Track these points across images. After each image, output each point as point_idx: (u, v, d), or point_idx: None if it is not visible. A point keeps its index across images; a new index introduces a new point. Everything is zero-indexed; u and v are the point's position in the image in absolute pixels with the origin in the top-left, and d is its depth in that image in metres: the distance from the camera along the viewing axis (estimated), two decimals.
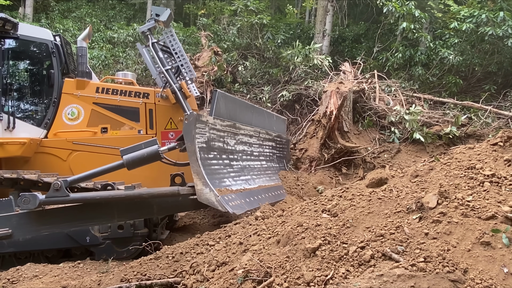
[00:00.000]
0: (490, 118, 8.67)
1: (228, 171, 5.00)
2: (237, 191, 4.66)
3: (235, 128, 5.33)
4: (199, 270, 3.05)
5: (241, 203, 4.43)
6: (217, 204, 3.98)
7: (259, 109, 7.13)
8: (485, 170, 3.02)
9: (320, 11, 13.88)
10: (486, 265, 2.30)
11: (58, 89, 5.80)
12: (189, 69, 5.82)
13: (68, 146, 5.70)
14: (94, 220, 4.29)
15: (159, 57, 5.70)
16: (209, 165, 4.44)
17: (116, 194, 4.08)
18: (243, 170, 5.50)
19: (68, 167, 5.62)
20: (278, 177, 6.74)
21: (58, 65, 5.85)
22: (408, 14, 11.37)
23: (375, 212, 2.95)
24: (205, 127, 4.47)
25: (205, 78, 11.61)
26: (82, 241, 4.76)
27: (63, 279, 3.79)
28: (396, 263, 2.37)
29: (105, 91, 5.86)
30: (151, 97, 5.83)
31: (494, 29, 10.39)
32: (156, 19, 5.76)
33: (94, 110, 5.82)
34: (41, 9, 20.41)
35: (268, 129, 6.61)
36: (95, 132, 5.77)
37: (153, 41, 5.79)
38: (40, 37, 5.83)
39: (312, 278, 2.45)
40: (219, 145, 4.89)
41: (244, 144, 5.72)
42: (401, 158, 7.84)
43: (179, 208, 4.67)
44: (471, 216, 2.62)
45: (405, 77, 11.80)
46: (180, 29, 17.08)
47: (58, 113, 5.78)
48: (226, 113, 5.11)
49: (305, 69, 10.93)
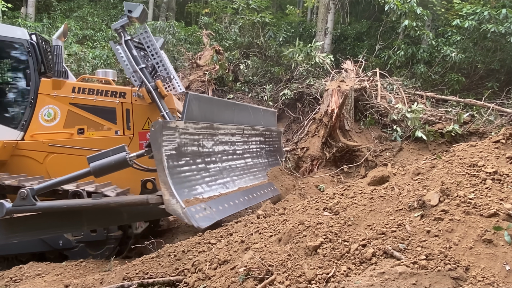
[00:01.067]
0: (492, 115, 8.63)
1: (202, 176, 4.83)
2: (209, 199, 4.51)
3: (212, 129, 5.17)
4: (201, 268, 3.05)
5: (212, 212, 4.29)
6: (183, 216, 3.87)
7: (242, 105, 6.95)
8: (487, 168, 3.01)
9: (322, 9, 13.86)
10: (488, 263, 2.29)
11: (35, 89, 5.62)
12: (165, 67, 5.59)
13: (44, 148, 5.53)
14: (63, 228, 4.30)
15: (133, 55, 5.46)
16: (179, 173, 4.31)
17: (83, 203, 4.09)
18: (222, 172, 5.33)
19: (45, 170, 5.48)
20: (267, 174, 6.58)
21: (34, 64, 5.66)
22: (410, 11, 11.33)
23: (377, 210, 2.95)
24: (175, 133, 4.33)
25: (206, 77, 11.63)
26: (55, 245, 4.73)
27: (65, 277, 3.80)
28: (397, 261, 2.37)
29: (82, 91, 5.64)
30: (128, 96, 5.60)
31: (496, 26, 10.35)
32: (128, 16, 5.48)
33: (71, 110, 5.61)
34: (43, 8, 20.47)
35: (254, 124, 6.44)
36: (72, 134, 5.58)
37: (127, 38, 5.52)
38: (14, 36, 5.63)
39: (313, 276, 2.45)
40: (193, 149, 4.75)
41: (225, 144, 5.56)
42: (403, 156, 7.82)
43: (150, 215, 4.58)
44: (473, 214, 2.61)
45: (407, 75, 11.77)
46: (181, 28, 17.08)
47: (34, 115, 5.60)
48: (201, 115, 4.95)
49: (306, 68, 10.91)
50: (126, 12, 5.51)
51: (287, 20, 16.23)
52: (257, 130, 6.53)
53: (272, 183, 6.25)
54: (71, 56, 13.09)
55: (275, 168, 6.90)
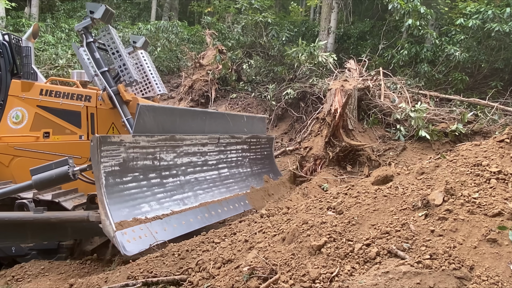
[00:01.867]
0: (496, 115, 8.59)
1: (154, 192, 4.57)
2: (154, 219, 4.25)
3: (174, 141, 4.95)
4: (205, 268, 3.06)
5: (150, 235, 4.03)
6: (114, 240, 3.70)
7: (217, 113, 6.68)
8: (492, 167, 3.01)
9: (325, 9, 13.84)
10: (492, 262, 2.29)
11: (6, 91, 5.51)
12: (128, 71, 5.30)
13: (10, 151, 5.43)
14: (7, 240, 4.32)
15: (95, 58, 5.26)
16: (121, 191, 4.11)
17: (24, 217, 4.07)
18: (183, 186, 5.05)
19: (11, 174, 5.41)
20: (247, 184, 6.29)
21: (6, 65, 5.57)
22: (413, 11, 11.29)
23: (381, 210, 2.95)
24: (119, 147, 4.10)
25: (209, 77, 11.64)
26: (8, 251, 4.68)
27: (70, 276, 3.82)
28: (401, 260, 2.37)
29: (49, 93, 5.49)
30: (93, 100, 5.40)
31: (500, 25, 10.29)
32: (91, 17, 5.25)
33: (38, 113, 5.49)
34: (46, 8, 20.55)
35: (234, 132, 6.19)
36: (38, 137, 5.43)
37: (89, 40, 5.31)
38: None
39: (317, 275, 2.45)
40: (145, 163, 4.51)
41: (192, 155, 5.32)
42: (406, 155, 7.80)
43: (94, 232, 4.39)
44: (477, 213, 2.61)
45: (410, 74, 11.74)
46: (185, 27, 17.12)
47: (3, 116, 5.50)
48: (158, 126, 4.73)
49: (310, 67, 10.90)
50: (88, 13, 5.28)
51: (290, 20, 16.21)
52: (238, 138, 6.27)
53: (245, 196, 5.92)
54: (75, 56, 13.13)
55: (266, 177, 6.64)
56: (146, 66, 6.45)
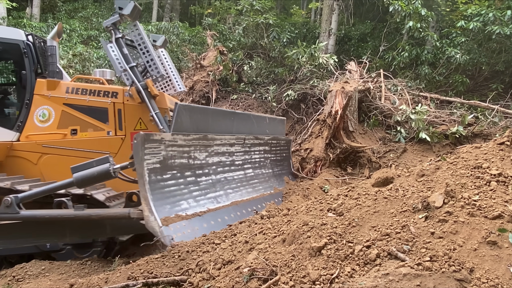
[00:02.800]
0: (497, 117, 8.60)
1: (190, 190, 4.67)
2: (195, 215, 4.34)
3: (206, 140, 5.03)
4: (205, 269, 3.07)
5: (193, 231, 4.11)
6: (160, 235, 3.76)
7: (243, 114, 6.78)
8: (492, 170, 3.01)
9: (326, 10, 13.86)
10: (492, 265, 2.29)
11: (31, 90, 5.63)
12: (156, 66, 5.44)
13: (38, 149, 5.53)
14: (46, 238, 4.32)
15: (123, 53, 5.36)
16: (162, 188, 4.18)
17: (65, 214, 4.07)
18: (215, 185, 5.15)
19: (39, 171, 5.48)
20: (270, 184, 6.40)
21: (30, 65, 5.66)
22: (414, 13, 11.31)
23: (381, 211, 2.96)
24: (159, 145, 4.19)
25: (210, 78, 11.65)
26: (43, 247, 4.73)
27: (70, 276, 3.82)
28: (402, 262, 2.37)
29: (75, 91, 5.61)
30: (120, 96, 5.52)
31: (501, 28, 10.31)
32: (119, 13, 5.34)
33: (64, 111, 5.58)
34: (48, 9, 20.58)
35: (257, 133, 6.28)
36: (65, 134, 5.54)
37: (118, 36, 5.41)
38: (10, 37, 5.63)
39: (317, 276, 2.45)
40: (181, 161, 4.59)
41: (221, 154, 5.40)
42: (407, 157, 7.81)
43: (133, 230, 4.46)
44: (477, 216, 2.61)
45: (411, 76, 11.75)
46: (186, 28, 17.14)
47: (30, 115, 5.61)
48: (193, 126, 4.80)
49: (310, 68, 10.91)
50: (116, 9, 5.36)
51: (291, 21, 16.23)
52: (260, 139, 6.37)
53: (275, 194, 6.07)
54: (76, 57, 13.16)
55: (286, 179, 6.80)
56: (166, 64, 6.55)
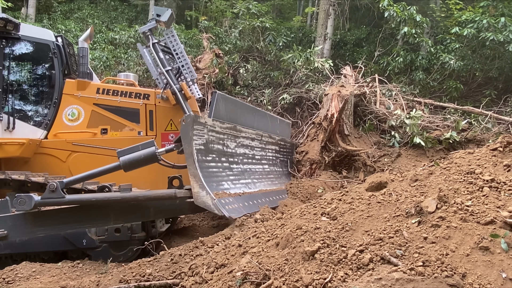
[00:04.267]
0: (490, 123, 8.67)
1: (227, 174, 4.91)
2: (236, 195, 4.57)
3: (235, 131, 5.26)
4: (198, 272, 3.05)
5: (239, 206, 4.34)
6: (214, 207, 3.90)
7: (262, 112, 7.00)
8: (485, 175, 3.02)
9: (322, 15, 13.92)
10: (484, 270, 2.30)
11: (59, 89, 5.80)
12: (190, 70, 5.77)
13: (67, 147, 5.67)
14: (90, 222, 4.26)
15: (160, 57, 5.67)
16: (207, 168, 4.36)
17: (112, 196, 4.06)
18: (244, 173, 5.41)
19: (68, 168, 5.59)
20: (282, 181, 6.62)
21: (59, 65, 5.86)
22: (409, 19, 11.39)
23: (374, 216, 2.96)
24: (204, 129, 4.39)
25: (206, 80, 11.64)
26: (79, 244, 4.70)
27: (62, 279, 3.78)
28: (394, 267, 2.37)
29: (106, 92, 5.84)
30: (152, 98, 5.80)
31: (495, 35, 10.41)
32: (157, 20, 5.70)
33: (94, 111, 5.81)
34: (43, 9, 20.48)
35: (271, 132, 6.53)
36: (95, 133, 5.75)
37: (154, 41, 5.76)
38: (41, 37, 5.84)
39: (310, 281, 2.45)
40: (218, 147, 4.82)
41: (246, 147, 5.64)
42: (401, 162, 7.84)
43: (176, 211, 4.60)
44: (470, 221, 2.62)
45: (406, 81, 11.82)
46: (182, 31, 17.12)
47: (58, 114, 5.77)
48: (226, 115, 5.04)
49: (306, 72, 10.94)
50: (154, 16, 5.70)
51: (287, 25, 16.28)
52: (273, 138, 6.61)
53: (285, 190, 6.31)
54: None
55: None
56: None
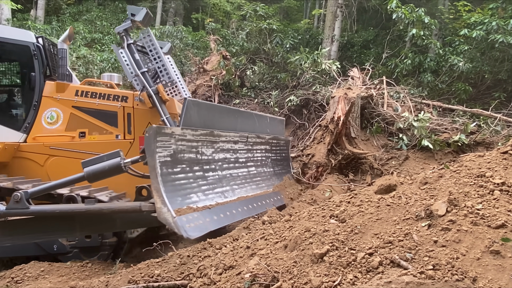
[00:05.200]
0: (499, 126, 8.59)
1: (199, 184, 4.72)
2: (204, 208, 4.38)
3: (213, 136, 5.08)
4: (206, 273, 3.06)
5: (205, 222, 4.15)
6: (173, 226, 3.75)
7: (246, 113, 6.83)
8: (495, 178, 3.00)
9: (329, 16, 13.92)
10: (495, 274, 2.28)
11: (39, 92, 5.64)
12: (167, 72, 5.55)
13: (45, 151, 5.55)
14: (56, 233, 4.28)
15: (135, 59, 5.46)
16: (173, 181, 4.22)
17: (76, 209, 4.06)
18: (221, 180, 5.21)
19: (46, 173, 5.48)
20: (272, 182, 6.44)
21: (40, 67, 5.69)
22: (417, 20, 11.35)
23: (384, 219, 2.95)
24: (170, 139, 4.24)
25: (213, 82, 11.69)
26: (50, 249, 4.71)
27: (71, 279, 3.82)
28: (404, 270, 2.36)
29: (85, 94, 5.65)
30: (130, 100, 5.60)
31: (504, 37, 10.34)
32: (132, 19, 5.45)
33: (73, 114, 5.63)
34: (52, 11, 20.70)
35: (259, 132, 6.35)
36: (73, 137, 5.58)
37: (129, 42, 5.53)
38: (21, 39, 5.66)
39: (319, 283, 2.44)
40: (190, 156, 4.64)
41: (226, 151, 5.45)
42: (409, 165, 7.79)
43: (144, 223, 4.49)
44: (480, 225, 2.60)
45: (414, 83, 11.76)
46: (189, 33, 17.21)
47: (38, 117, 5.62)
48: (201, 122, 4.86)
49: (313, 74, 10.94)
50: (129, 15, 5.47)
51: (294, 27, 16.29)
52: (262, 138, 6.44)
53: (278, 192, 6.13)
54: (80, 59, 13.22)
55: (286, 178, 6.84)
56: (170, 71, 6.65)
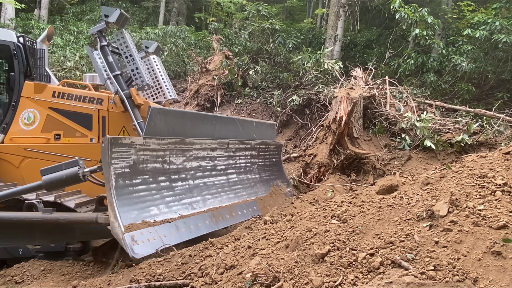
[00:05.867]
0: (502, 126, 8.56)
1: (162, 195, 4.55)
2: (163, 222, 4.21)
3: (184, 144, 4.91)
4: (208, 273, 3.07)
5: (158, 238, 4.00)
6: (122, 243, 3.67)
7: (227, 118, 6.66)
8: (497, 179, 2.99)
9: (332, 16, 13.89)
10: (496, 275, 2.28)
11: (18, 92, 5.59)
12: (140, 75, 5.36)
13: (20, 152, 5.47)
14: (15, 240, 4.30)
15: (108, 61, 5.34)
16: (130, 193, 4.10)
17: (33, 217, 4.06)
18: (192, 190, 5.03)
19: (20, 175, 5.43)
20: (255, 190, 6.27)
21: (20, 67, 5.61)
22: (420, 20, 11.32)
23: (385, 219, 2.95)
24: (129, 149, 4.10)
25: (216, 82, 11.70)
26: (16, 252, 4.70)
27: (73, 278, 3.84)
28: (405, 270, 2.36)
29: (61, 95, 5.56)
30: (105, 103, 5.48)
31: (508, 37, 10.30)
32: (105, 20, 5.32)
33: (50, 115, 5.55)
34: (56, 11, 20.79)
35: (243, 137, 6.15)
36: (49, 139, 5.51)
37: (103, 44, 5.39)
38: (0, 38, 5.59)
39: (320, 283, 2.45)
40: (154, 166, 4.49)
41: (201, 159, 5.29)
42: (411, 165, 7.77)
43: (102, 234, 4.38)
44: (482, 225, 2.60)
45: (417, 83, 11.73)
46: (192, 32, 17.23)
47: (15, 117, 5.57)
48: (168, 130, 4.69)
49: (315, 74, 10.93)
50: (102, 16, 5.34)
51: (297, 27, 16.27)
52: (247, 144, 6.26)
53: (254, 202, 5.89)
54: (83, 59, 13.25)
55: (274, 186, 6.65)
56: (157, 71, 6.51)
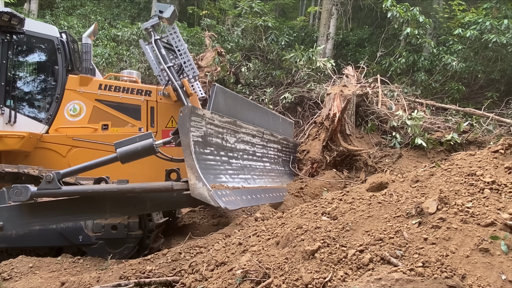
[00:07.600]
0: (491, 125, 8.66)
1: (225, 168, 4.83)
2: (234, 188, 4.47)
3: (235, 126, 5.17)
4: (198, 270, 3.06)
5: (236, 199, 4.23)
6: (210, 198, 3.80)
7: (263, 109, 6.90)
8: (486, 177, 3.02)
9: (325, 14, 13.91)
10: (484, 272, 2.30)
11: (62, 85, 5.86)
12: (192, 67, 5.78)
13: (68, 142, 5.72)
14: (86, 215, 4.21)
15: (161, 54, 5.68)
16: (205, 160, 4.28)
17: (108, 188, 4.00)
18: (243, 169, 5.34)
19: (67, 163, 5.55)
20: (283, 180, 6.54)
21: (62, 61, 5.91)
22: (412, 19, 11.39)
23: (375, 216, 2.96)
24: (202, 121, 4.33)
25: (208, 79, 11.64)
26: (75, 240, 4.63)
27: (62, 274, 3.79)
28: (394, 267, 2.38)
29: (108, 88, 5.89)
30: (153, 94, 5.84)
31: (498, 37, 10.41)
32: (159, 16, 5.72)
33: (96, 106, 5.86)
34: (46, 5, 20.50)
35: (273, 130, 6.44)
36: (96, 129, 5.80)
37: (156, 38, 5.77)
38: (46, 33, 5.90)
39: (310, 280, 2.45)
40: (217, 141, 4.74)
41: (246, 143, 5.56)
42: (402, 163, 7.83)
43: (174, 204, 4.53)
44: (470, 223, 2.62)
45: (408, 82, 11.82)
46: (184, 29, 17.11)
47: (60, 109, 5.82)
48: (226, 109, 4.98)
49: (308, 72, 10.94)
50: (157, 12, 5.71)
51: (290, 25, 16.26)
52: (275, 137, 6.54)
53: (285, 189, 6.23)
54: None
55: None
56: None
